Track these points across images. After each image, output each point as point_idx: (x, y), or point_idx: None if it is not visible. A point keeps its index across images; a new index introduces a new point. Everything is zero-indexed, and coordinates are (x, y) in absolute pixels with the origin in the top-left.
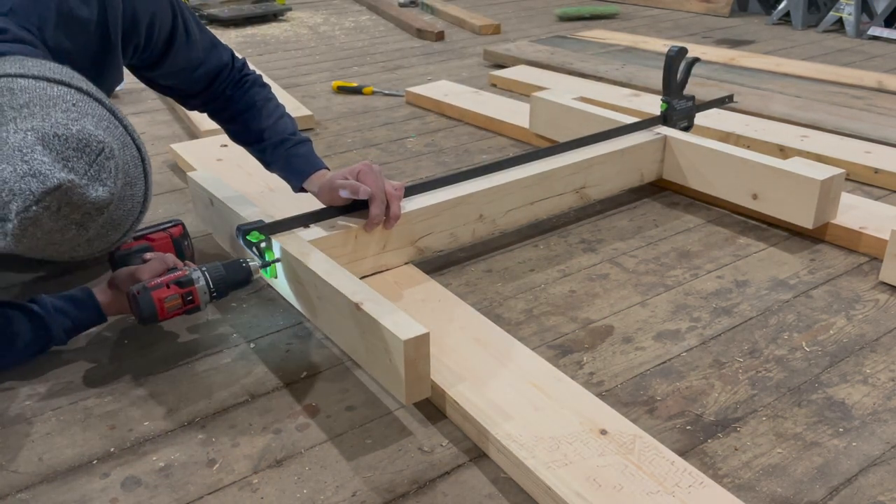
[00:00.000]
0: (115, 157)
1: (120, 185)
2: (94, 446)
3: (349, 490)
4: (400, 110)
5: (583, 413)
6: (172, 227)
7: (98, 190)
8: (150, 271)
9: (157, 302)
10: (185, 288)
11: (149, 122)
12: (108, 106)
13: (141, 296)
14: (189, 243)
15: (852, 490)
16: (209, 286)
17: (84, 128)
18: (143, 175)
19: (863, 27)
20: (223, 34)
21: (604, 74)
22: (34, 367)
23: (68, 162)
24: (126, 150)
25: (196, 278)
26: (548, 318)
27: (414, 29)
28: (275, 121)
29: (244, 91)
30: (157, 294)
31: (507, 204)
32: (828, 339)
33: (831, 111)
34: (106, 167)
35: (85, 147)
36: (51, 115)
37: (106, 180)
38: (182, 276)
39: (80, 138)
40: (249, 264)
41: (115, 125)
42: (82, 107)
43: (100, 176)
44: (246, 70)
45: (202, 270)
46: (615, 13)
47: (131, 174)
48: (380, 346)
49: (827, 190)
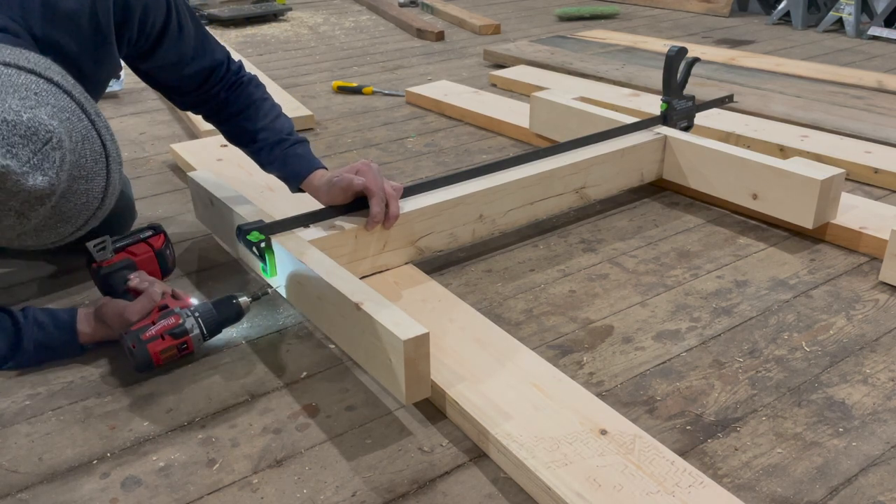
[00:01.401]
0: (63, 149)
1: (65, 178)
2: (94, 446)
3: (349, 490)
4: (400, 110)
5: (583, 413)
6: (153, 236)
7: (38, 179)
8: (139, 312)
9: (154, 355)
10: (180, 339)
11: (149, 122)
12: (77, 99)
13: (137, 349)
14: (171, 251)
15: (852, 490)
16: (202, 332)
17: (36, 116)
18: (106, 172)
19: (863, 27)
20: (223, 34)
21: (604, 74)
22: (34, 367)
23: (12, 148)
24: (85, 144)
25: (190, 327)
26: (548, 318)
27: (414, 29)
28: (271, 121)
29: (239, 93)
30: (153, 347)
31: (507, 204)
32: (828, 339)
33: (831, 111)
34: (50, 157)
35: (32, 135)
36: (6, 101)
37: (48, 170)
38: (176, 327)
39: (30, 126)
40: (240, 300)
41: (78, 118)
42: (44, 97)
43: (42, 165)
44: (242, 73)
45: (195, 316)
46: (615, 13)
47: (87, 168)
48: (379, 346)
49: (827, 190)
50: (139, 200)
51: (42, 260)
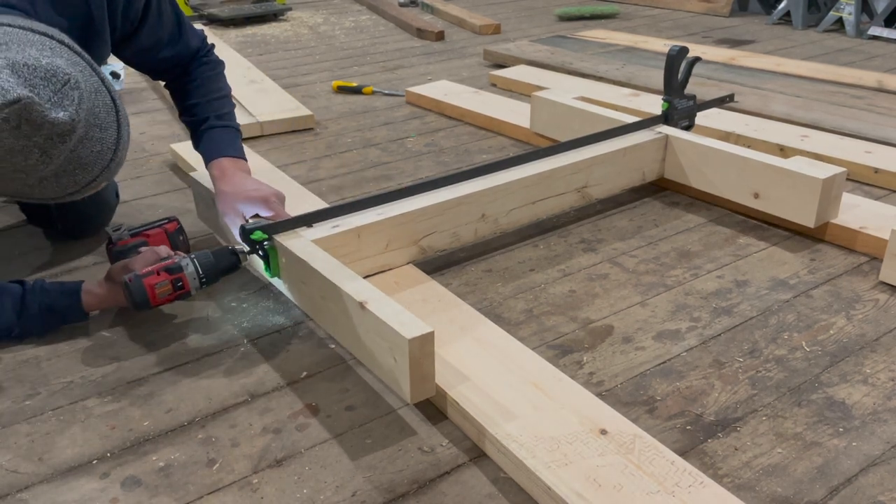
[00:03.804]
0: (81, 89)
1: (84, 116)
2: (94, 446)
3: (349, 490)
4: (400, 110)
5: (583, 413)
6: (168, 223)
7: (59, 113)
8: (142, 262)
9: (149, 288)
10: (175, 274)
11: (149, 122)
12: (87, 60)
13: (133, 283)
14: (184, 238)
15: (852, 490)
16: (198, 272)
17: (54, 62)
18: (117, 124)
19: (863, 27)
20: (223, 34)
21: (604, 74)
22: (34, 367)
23: (34, 88)
24: (97, 97)
25: (185, 265)
26: (548, 318)
27: (414, 29)
28: (208, 100)
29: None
30: (148, 281)
31: (510, 203)
32: (828, 338)
33: (831, 111)
34: (70, 95)
35: (52, 77)
36: (25, 51)
37: (68, 106)
38: (171, 264)
39: (49, 69)
40: (237, 251)
41: (90, 73)
42: (59, 51)
43: (62, 102)
44: (211, 55)
45: (191, 258)
46: (615, 13)
47: (101, 118)
48: (384, 345)
49: (828, 189)
50: (139, 200)
51: (42, 245)
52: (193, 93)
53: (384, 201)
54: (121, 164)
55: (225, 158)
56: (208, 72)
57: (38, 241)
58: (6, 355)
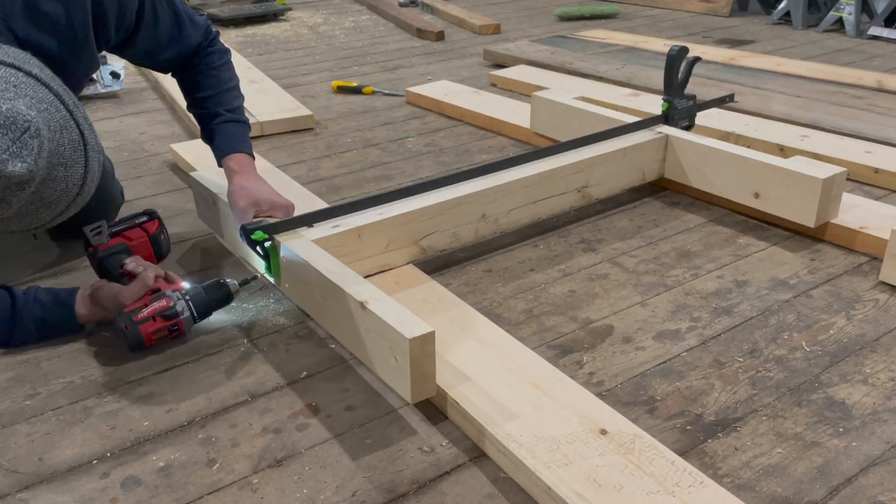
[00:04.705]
0: (42, 137)
1: (43, 165)
2: (94, 446)
3: (349, 490)
4: (400, 110)
5: (583, 413)
6: (148, 221)
7: (17, 165)
8: (132, 296)
9: (146, 336)
10: (171, 320)
11: (149, 122)
12: (56, 91)
13: (130, 330)
14: (166, 237)
15: (852, 490)
16: (193, 315)
17: (14, 107)
18: (84, 160)
19: (863, 27)
20: (223, 34)
21: (604, 74)
22: (34, 367)
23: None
24: (63, 133)
25: (181, 310)
26: (548, 318)
27: (414, 29)
28: (218, 92)
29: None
30: (145, 328)
31: (510, 203)
32: (828, 339)
33: (831, 111)
34: (29, 145)
35: (11, 125)
36: None
37: (27, 157)
38: (167, 310)
39: (8, 116)
40: (228, 283)
41: (56, 108)
42: (23, 89)
43: (21, 153)
44: (215, 45)
45: (185, 299)
46: (615, 13)
47: (66, 156)
48: (385, 344)
49: (829, 188)
50: (139, 200)
51: (44, 245)
52: (202, 84)
53: (384, 201)
54: (89, 195)
55: (241, 154)
56: (216, 62)
57: (40, 241)
58: (6, 355)
